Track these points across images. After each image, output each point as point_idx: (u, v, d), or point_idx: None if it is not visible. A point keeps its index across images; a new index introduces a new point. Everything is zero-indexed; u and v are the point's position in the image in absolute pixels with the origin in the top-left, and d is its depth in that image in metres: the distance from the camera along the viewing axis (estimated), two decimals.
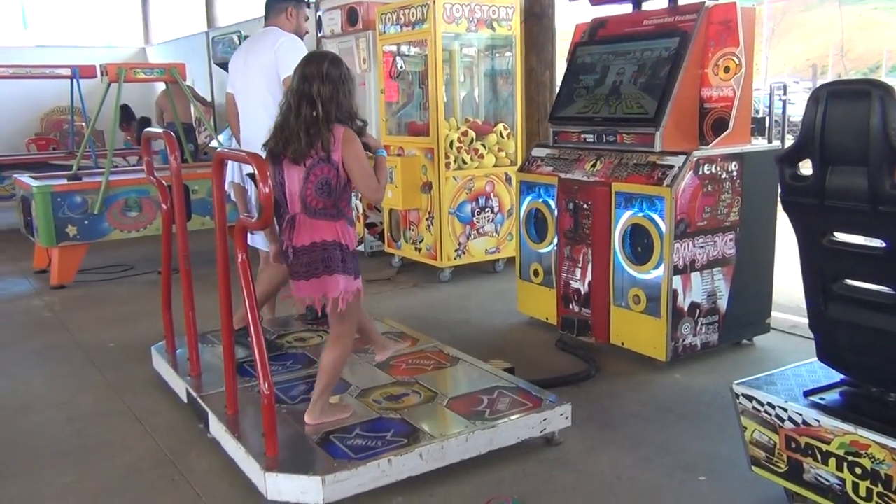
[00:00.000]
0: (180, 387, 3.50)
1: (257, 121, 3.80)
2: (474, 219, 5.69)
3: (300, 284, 2.77)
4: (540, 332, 4.46)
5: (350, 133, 2.73)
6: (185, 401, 3.43)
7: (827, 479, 2.24)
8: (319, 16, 6.99)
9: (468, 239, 5.69)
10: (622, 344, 3.95)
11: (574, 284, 4.16)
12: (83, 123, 9.72)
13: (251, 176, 3.56)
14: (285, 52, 3.78)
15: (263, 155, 2.75)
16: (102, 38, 15.14)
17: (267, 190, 2.52)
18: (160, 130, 3.69)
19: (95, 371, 4.09)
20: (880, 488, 2.10)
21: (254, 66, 3.91)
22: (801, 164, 2.24)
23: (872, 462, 2.10)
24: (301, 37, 4.06)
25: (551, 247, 4.32)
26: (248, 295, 2.69)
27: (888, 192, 1.99)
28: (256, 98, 3.89)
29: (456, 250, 5.65)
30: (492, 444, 2.85)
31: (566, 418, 3.03)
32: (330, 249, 2.72)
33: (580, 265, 4.10)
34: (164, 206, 3.63)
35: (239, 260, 2.72)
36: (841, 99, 2.08)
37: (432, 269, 5.80)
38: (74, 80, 8.84)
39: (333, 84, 2.71)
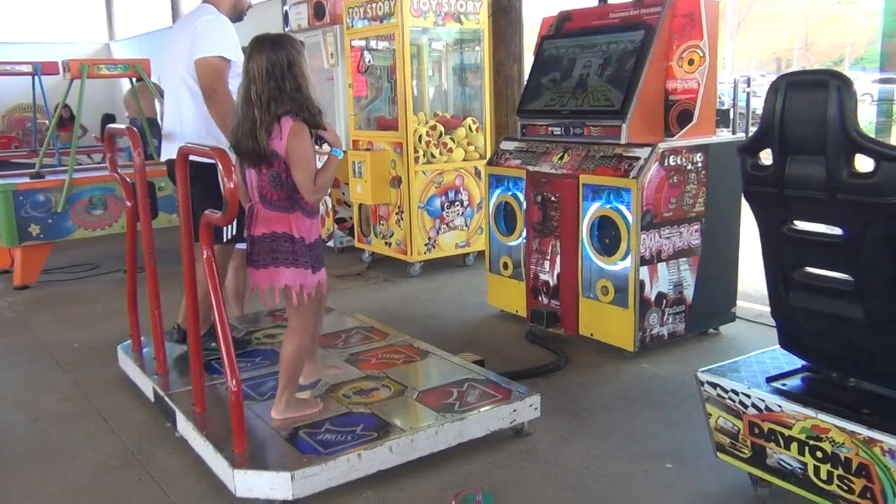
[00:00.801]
0: (147, 385, 3.46)
1: (175, 105, 3.67)
2: (444, 213, 5.69)
3: (252, 273, 2.78)
4: (510, 324, 4.48)
5: (298, 127, 2.64)
6: (152, 399, 3.39)
7: (789, 464, 2.28)
8: (286, 10, 6.94)
9: (438, 233, 5.69)
10: (591, 335, 3.98)
11: (543, 277, 4.18)
12: (46, 121, 9.56)
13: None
14: (202, 34, 3.52)
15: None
16: (65, 34, 14.86)
17: (231, 185, 2.49)
18: (123, 127, 3.64)
19: (60, 371, 4.03)
20: (840, 471, 2.14)
21: (177, 47, 3.66)
22: (761, 153, 2.27)
23: (833, 446, 2.14)
24: (242, 12, 3.82)
25: (520, 240, 4.34)
26: (214, 291, 2.67)
27: (845, 181, 2.03)
28: (176, 80, 3.67)
29: (426, 244, 5.65)
30: (461, 437, 2.86)
31: (536, 409, 3.05)
32: (280, 241, 2.71)
33: (549, 257, 4.12)
34: (128, 204, 3.58)
35: (204, 256, 2.69)
36: (799, 89, 2.11)
37: (402, 263, 5.79)
38: (36, 77, 8.69)
39: (275, 79, 2.62)
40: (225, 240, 3.56)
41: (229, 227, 3.48)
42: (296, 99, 2.66)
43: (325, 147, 2.78)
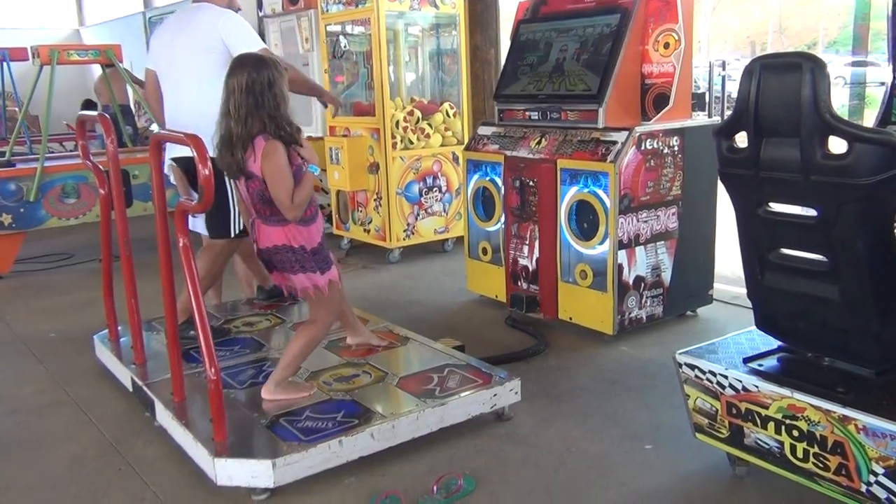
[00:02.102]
0: (125, 375, 3.43)
1: (188, 103, 3.59)
2: (422, 199, 5.68)
3: (272, 275, 2.93)
4: (489, 309, 4.49)
5: (272, 145, 2.67)
6: (131, 389, 3.37)
7: (766, 443, 2.32)
8: None
9: (417, 219, 5.68)
10: (570, 319, 4.00)
11: (522, 261, 4.19)
12: (16, 108, 9.38)
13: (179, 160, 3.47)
14: (234, 32, 3.54)
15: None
16: (34, 20, 14.57)
17: (206, 172, 2.47)
18: (95, 114, 3.58)
19: (36, 362, 3.98)
20: (816, 449, 2.18)
21: (188, 45, 3.61)
22: (736, 136, 2.29)
23: (808, 424, 2.18)
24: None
25: (499, 225, 4.35)
26: (191, 280, 2.65)
27: (819, 163, 2.05)
28: (189, 79, 3.60)
29: (405, 231, 5.64)
30: (442, 422, 2.86)
31: (516, 393, 3.06)
32: (282, 253, 2.80)
33: (527, 242, 4.13)
34: (101, 192, 3.53)
35: (180, 244, 2.67)
36: (774, 72, 2.12)
37: (381, 250, 5.78)
38: (4, 63, 8.53)
39: (254, 95, 2.66)
40: (233, 234, 3.63)
41: (235, 221, 3.58)
42: (273, 117, 2.69)
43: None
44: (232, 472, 2.55)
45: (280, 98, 2.71)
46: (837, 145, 2.05)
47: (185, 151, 3.05)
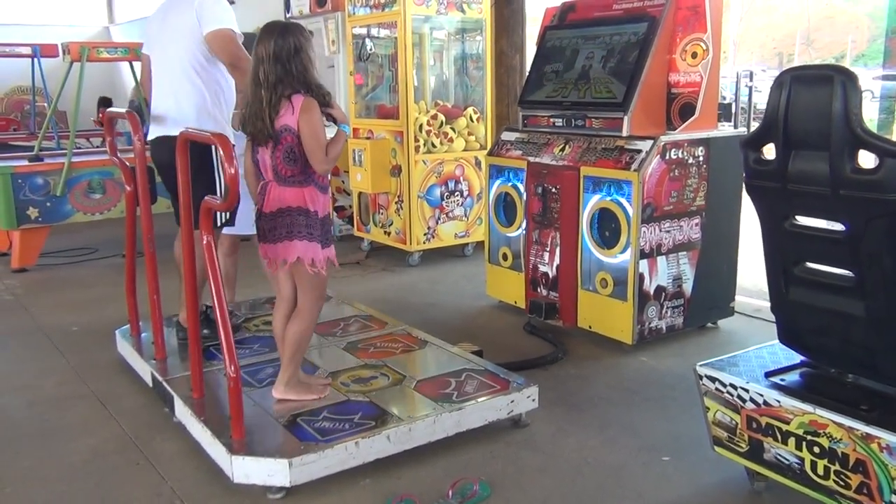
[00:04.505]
0: (145, 370, 3.45)
1: (172, 88, 3.55)
2: (443, 203, 5.68)
3: (264, 247, 2.86)
4: (508, 315, 4.48)
5: (309, 102, 2.74)
6: (151, 384, 3.39)
7: (786, 459, 2.29)
8: None
9: (437, 223, 5.68)
10: (589, 327, 3.98)
11: (542, 268, 4.17)
12: (45, 104, 9.51)
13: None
14: (208, 8, 3.48)
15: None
16: (64, 17, 14.76)
17: (232, 171, 2.49)
18: (123, 110, 3.62)
19: (58, 355, 4.02)
20: (837, 466, 2.15)
21: (173, 28, 3.54)
22: (764, 148, 2.27)
23: (830, 441, 2.15)
24: None
25: (520, 231, 4.34)
26: (214, 277, 2.66)
27: (848, 177, 2.03)
28: (175, 63, 3.54)
29: (425, 234, 5.65)
30: (459, 427, 2.86)
31: (533, 400, 3.05)
32: (294, 215, 2.78)
33: (548, 249, 4.11)
34: (127, 188, 3.57)
35: (204, 242, 2.69)
36: (804, 84, 2.10)
37: (401, 252, 5.79)
38: (35, 60, 8.63)
39: (282, 62, 2.72)
40: (218, 224, 3.54)
41: (221, 212, 3.48)
42: (303, 81, 2.75)
43: (333, 126, 2.88)
44: (249, 469, 2.56)
45: (307, 62, 2.77)
46: (867, 160, 2.02)
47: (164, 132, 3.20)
